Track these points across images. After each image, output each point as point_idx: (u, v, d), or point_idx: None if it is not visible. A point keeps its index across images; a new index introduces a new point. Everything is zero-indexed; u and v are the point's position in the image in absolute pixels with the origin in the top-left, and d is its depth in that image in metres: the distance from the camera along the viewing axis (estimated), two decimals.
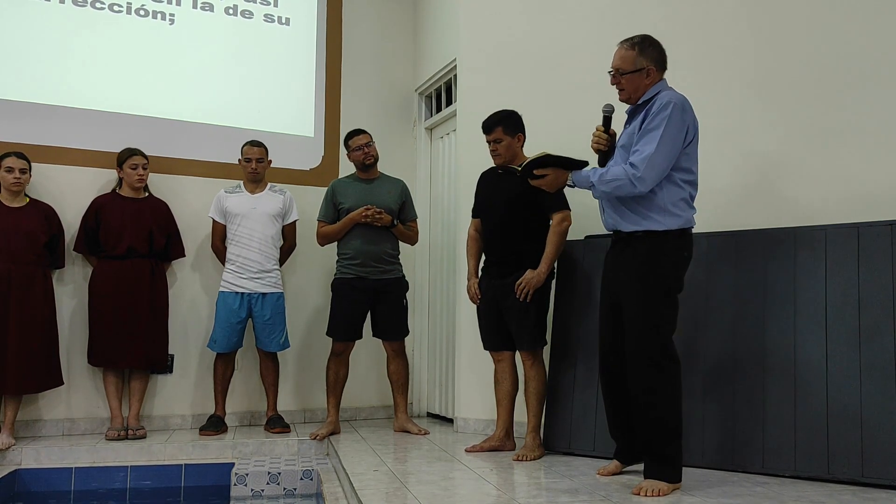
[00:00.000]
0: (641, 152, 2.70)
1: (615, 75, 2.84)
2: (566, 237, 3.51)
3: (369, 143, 4.15)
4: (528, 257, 3.49)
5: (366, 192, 4.13)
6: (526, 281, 3.44)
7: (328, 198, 4.19)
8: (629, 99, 2.86)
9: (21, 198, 3.92)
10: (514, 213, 3.52)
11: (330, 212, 4.16)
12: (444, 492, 2.80)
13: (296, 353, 4.62)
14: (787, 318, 3.11)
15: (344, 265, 4.11)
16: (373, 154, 4.15)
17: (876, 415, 2.83)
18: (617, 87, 2.85)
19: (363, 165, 4.16)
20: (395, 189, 4.21)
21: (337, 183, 4.24)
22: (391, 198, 4.16)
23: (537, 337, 3.52)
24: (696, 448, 3.14)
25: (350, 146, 4.18)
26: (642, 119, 2.78)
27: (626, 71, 2.81)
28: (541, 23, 4.13)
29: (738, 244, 3.29)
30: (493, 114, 3.59)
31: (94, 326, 4.04)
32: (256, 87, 4.79)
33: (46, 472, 3.65)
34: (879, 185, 3.14)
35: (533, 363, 3.51)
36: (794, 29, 3.42)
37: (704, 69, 3.60)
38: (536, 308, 3.50)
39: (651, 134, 2.70)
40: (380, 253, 4.08)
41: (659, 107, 2.72)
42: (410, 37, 5.27)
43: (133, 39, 4.51)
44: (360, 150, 4.13)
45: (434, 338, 4.90)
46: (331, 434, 4.06)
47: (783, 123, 3.41)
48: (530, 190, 3.46)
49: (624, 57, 2.82)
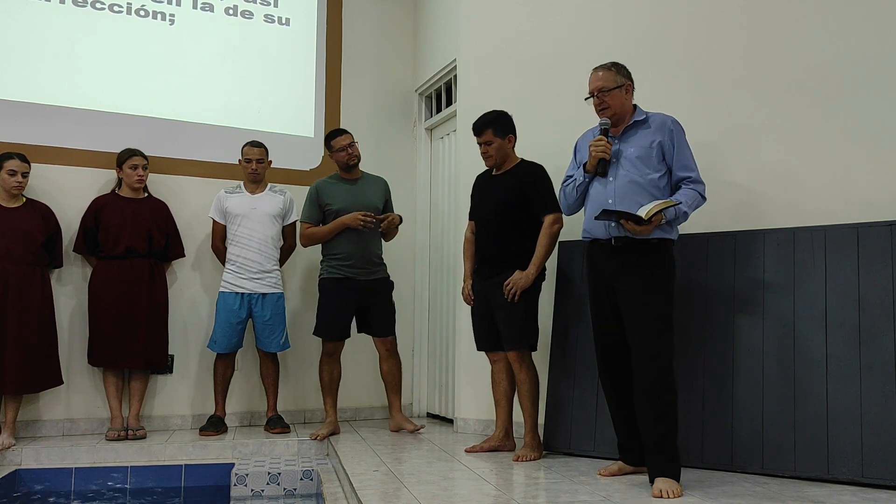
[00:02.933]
0: (693, 169, 2.96)
1: (598, 96, 2.99)
2: (557, 239, 3.51)
3: (352, 144, 4.15)
4: (519, 258, 3.48)
5: (353, 192, 4.15)
6: (513, 281, 3.43)
7: (312, 199, 4.17)
8: (614, 115, 2.99)
9: (18, 198, 3.92)
10: (505, 215, 3.52)
11: (315, 213, 4.16)
12: (443, 492, 2.80)
13: (296, 354, 4.62)
14: (787, 318, 3.11)
15: (333, 265, 4.10)
16: (356, 154, 4.16)
17: (876, 415, 2.83)
18: (600, 107, 2.99)
19: (347, 166, 4.17)
20: (378, 188, 4.26)
21: (321, 184, 4.22)
22: (376, 197, 4.21)
23: (523, 337, 3.49)
24: (696, 448, 3.14)
25: (333, 146, 4.16)
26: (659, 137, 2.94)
27: (609, 88, 2.97)
28: (541, 23, 4.13)
29: (737, 244, 3.29)
30: (483, 115, 3.58)
31: (94, 327, 4.04)
32: (256, 87, 4.79)
33: (46, 472, 3.64)
34: (879, 185, 3.14)
35: (521, 365, 3.49)
36: (793, 29, 3.42)
37: (703, 70, 3.60)
38: (524, 308, 3.48)
39: (686, 153, 2.98)
40: (369, 255, 4.12)
41: (672, 126, 2.96)
42: (410, 37, 5.27)
43: (133, 39, 4.51)
44: (343, 151, 4.13)
45: (433, 338, 4.90)
46: (331, 434, 4.07)
47: (783, 124, 3.40)
48: (521, 192, 3.48)
49: (604, 77, 2.99)
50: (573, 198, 3.12)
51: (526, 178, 3.52)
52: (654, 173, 2.92)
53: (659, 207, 2.79)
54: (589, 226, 3.02)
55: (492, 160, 3.58)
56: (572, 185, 3.11)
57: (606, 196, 2.94)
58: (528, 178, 3.51)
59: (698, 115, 3.47)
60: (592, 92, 3.00)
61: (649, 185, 2.91)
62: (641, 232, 2.82)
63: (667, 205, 2.81)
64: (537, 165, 3.56)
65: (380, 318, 4.16)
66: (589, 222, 3.02)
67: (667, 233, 2.89)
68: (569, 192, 3.13)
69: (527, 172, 3.54)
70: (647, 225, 2.79)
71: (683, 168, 2.95)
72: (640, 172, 2.92)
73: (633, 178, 2.91)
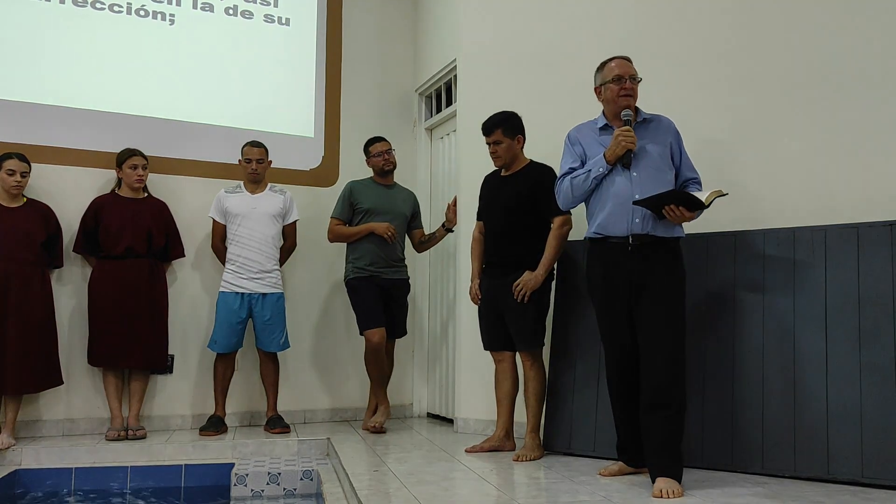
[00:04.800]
0: (696, 171, 3.04)
1: (631, 82, 2.96)
2: (566, 241, 3.51)
3: (390, 151, 4.36)
4: (528, 259, 3.50)
5: (385, 196, 4.33)
6: (523, 282, 3.45)
7: (345, 197, 4.33)
8: (631, 104, 2.97)
9: (18, 198, 3.92)
10: (514, 217, 3.53)
11: (346, 211, 4.31)
12: (444, 492, 2.80)
13: (296, 354, 4.62)
14: (787, 318, 3.11)
15: (358, 266, 4.24)
16: (392, 161, 4.37)
17: (876, 415, 2.83)
18: (628, 93, 2.95)
19: (382, 171, 4.36)
20: (409, 198, 4.47)
21: (355, 184, 4.38)
22: (406, 206, 4.40)
23: (535, 337, 3.52)
24: (696, 448, 3.13)
25: (371, 152, 4.37)
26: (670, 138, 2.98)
27: (638, 79, 2.99)
28: (540, 23, 4.13)
29: (737, 244, 3.29)
30: (493, 116, 3.59)
31: (94, 327, 4.04)
32: (256, 87, 4.79)
33: (46, 472, 3.64)
34: (879, 185, 3.14)
35: (532, 363, 3.52)
36: (792, 29, 3.42)
37: (702, 69, 3.60)
38: (535, 309, 3.50)
39: (687, 155, 3.05)
40: (392, 257, 4.30)
41: (675, 128, 3.02)
42: (410, 37, 5.27)
43: (133, 39, 4.51)
44: (380, 157, 4.33)
45: (434, 338, 4.90)
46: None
47: (783, 124, 3.40)
48: (530, 194, 3.48)
49: (633, 67, 2.99)
50: (583, 190, 2.97)
51: (536, 179, 3.52)
52: (669, 172, 2.94)
53: (716, 195, 2.80)
54: (605, 222, 2.91)
55: (500, 160, 3.58)
56: (585, 177, 2.95)
57: (632, 190, 2.86)
58: (538, 179, 3.52)
59: (698, 115, 3.47)
60: (624, 76, 2.93)
61: (668, 183, 2.92)
62: (690, 219, 2.83)
63: (719, 193, 2.82)
64: (547, 167, 3.57)
65: (398, 318, 4.38)
66: (605, 219, 2.91)
67: (681, 232, 2.93)
68: (578, 184, 2.97)
69: (537, 174, 3.55)
70: (698, 210, 2.81)
71: (690, 169, 3.02)
72: (661, 169, 2.91)
73: (656, 173, 2.90)
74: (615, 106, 2.96)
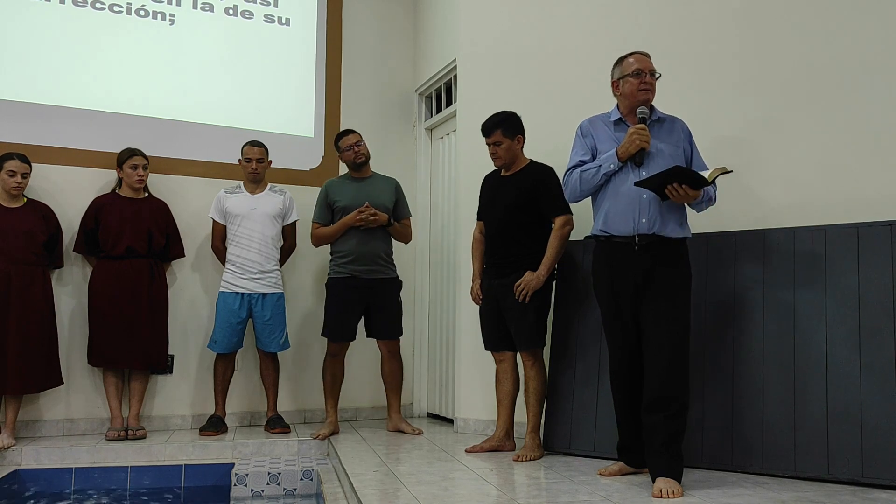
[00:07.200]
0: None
1: (651, 78, 2.93)
2: (567, 241, 3.51)
3: (359, 143, 4.18)
4: (529, 259, 3.50)
5: (360, 190, 4.15)
6: (525, 283, 3.45)
7: (321, 199, 4.21)
8: (650, 99, 2.95)
9: (19, 198, 3.92)
10: (515, 216, 3.53)
11: (324, 213, 4.19)
12: (443, 492, 2.80)
13: (296, 354, 4.62)
14: (787, 318, 3.11)
15: (338, 265, 4.12)
16: (363, 152, 4.18)
17: (876, 415, 2.83)
18: (648, 88, 2.92)
19: (355, 164, 4.19)
20: (388, 187, 4.24)
21: (330, 183, 4.26)
22: (385, 196, 4.19)
23: (535, 337, 3.52)
24: (696, 448, 3.13)
25: (340, 147, 4.21)
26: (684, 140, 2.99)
27: (657, 76, 2.96)
28: (540, 23, 4.13)
29: (737, 244, 3.29)
30: (492, 116, 3.59)
31: (94, 327, 4.04)
32: (256, 87, 4.79)
33: (46, 472, 3.64)
34: (879, 185, 3.14)
35: (533, 363, 3.52)
36: (791, 29, 3.42)
37: (703, 70, 3.60)
38: (536, 309, 3.50)
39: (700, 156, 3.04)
40: (375, 254, 4.10)
41: (687, 129, 3.03)
42: (410, 37, 5.27)
43: (133, 39, 4.51)
44: (350, 150, 4.16)
45: (434, 338, 4.90)
46: (331, 434, 4.07)
47: (782, 124, 3.40)
48: (531, 194, 3.48)
49: (651, 63, 2.96)
50: (592, 185, 2.94)
51: (537, 179, 3.52)
52: None
53: (720, 172, 2.79)
54: (611, 220, 2.90)
55: (500, 161, 3.58)
56: (595, 172, 2.92)
57: (640, 189, 2.84)
58: (538, 179, 3.52)
59: (698, 115, 3.46)
60: (644, 70, 2.90)
61: None
62: (694, 197, 2.80)
63: (723, 170, 2.81)
64: (547, 167, 3.57)
65: (383, 319, 4.15)
66: (611, 217, 2.90)
67: (687, 233, 2.92)
68: (587, 178, 2.94)
69: (537, 174, 3.55)
70: (702, 187, 2.79)
71: (702, 168, 2.98)
72: None
73: None
74: (633, 101, 2.92)
